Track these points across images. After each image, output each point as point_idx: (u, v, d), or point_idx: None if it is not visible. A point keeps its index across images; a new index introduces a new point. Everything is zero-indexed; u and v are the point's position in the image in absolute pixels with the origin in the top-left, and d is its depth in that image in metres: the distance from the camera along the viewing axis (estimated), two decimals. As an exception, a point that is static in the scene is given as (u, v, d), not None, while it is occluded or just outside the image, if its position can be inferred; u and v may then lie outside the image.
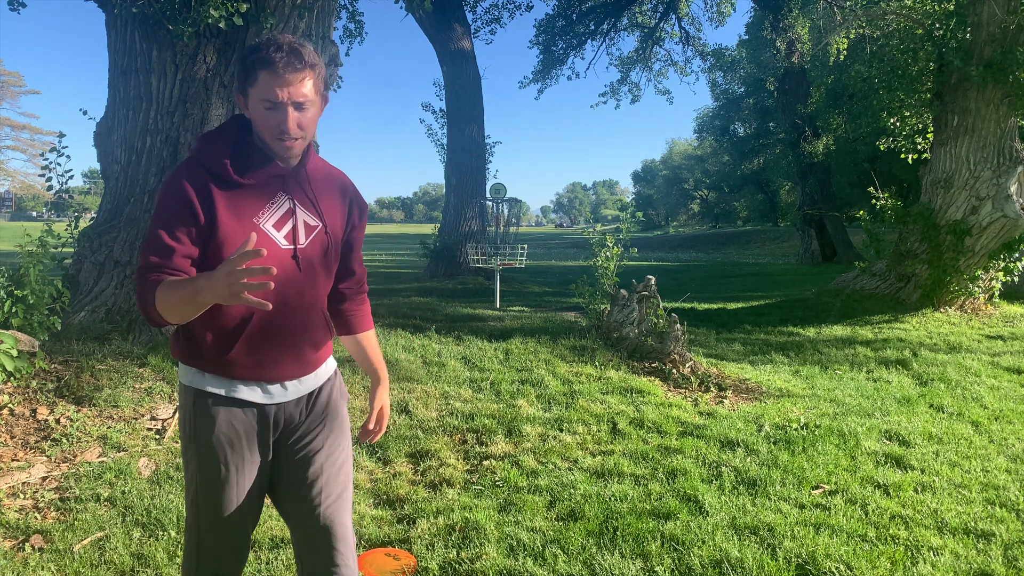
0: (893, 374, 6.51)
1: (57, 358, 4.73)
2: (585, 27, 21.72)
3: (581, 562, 2.95)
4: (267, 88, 1.62)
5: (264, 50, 1.62)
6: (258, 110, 1.66)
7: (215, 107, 5.95)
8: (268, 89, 1.62)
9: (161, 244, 1.64)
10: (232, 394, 1.77)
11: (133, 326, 5.49)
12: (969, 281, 9.57)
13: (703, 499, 3.55)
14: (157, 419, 4.24)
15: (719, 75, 28.99)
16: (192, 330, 1.74)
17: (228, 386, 1.77)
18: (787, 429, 4.70)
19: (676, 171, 75.98)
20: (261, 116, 1.66)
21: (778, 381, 6.14)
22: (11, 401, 4.06)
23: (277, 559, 2.91)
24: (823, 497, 3.64)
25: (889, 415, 5.13)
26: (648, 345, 6.31)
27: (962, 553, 3.06)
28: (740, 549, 3.03)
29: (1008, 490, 3.76)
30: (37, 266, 4.80)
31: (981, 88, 9.40)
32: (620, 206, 8.27)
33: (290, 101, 1.64)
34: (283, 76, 1.61)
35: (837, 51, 15.37)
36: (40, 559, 2.83)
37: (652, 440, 4.50)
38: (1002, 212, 9.31)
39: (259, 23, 5.91)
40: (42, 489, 3.39)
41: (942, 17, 9.85)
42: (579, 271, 7.86)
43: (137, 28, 5.95)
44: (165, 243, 1.64)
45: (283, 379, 1.81)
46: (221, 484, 1.77)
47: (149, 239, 1.66)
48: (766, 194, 51.71)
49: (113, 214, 6.09)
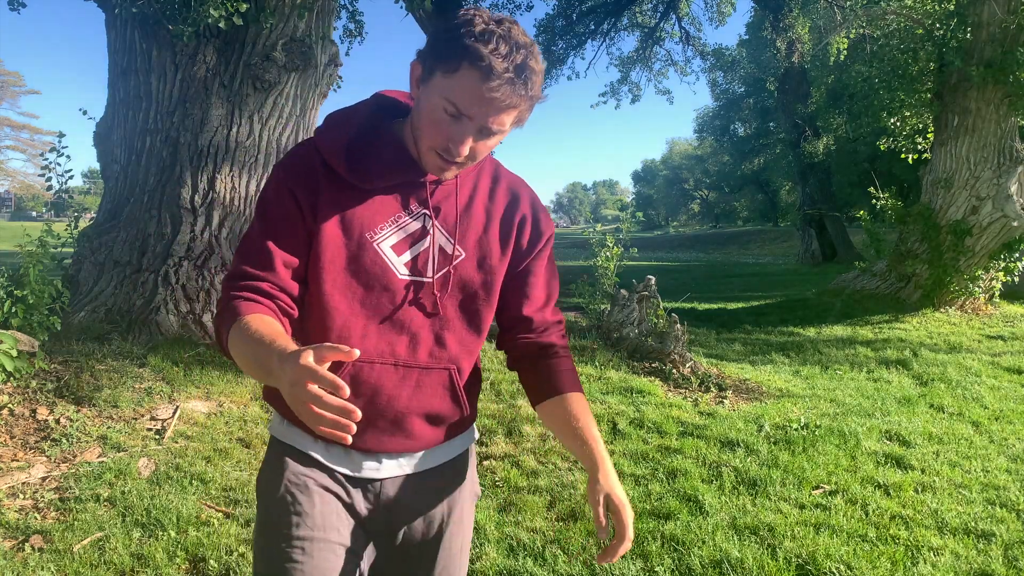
0: (893, 374, 6.51)
1: (57, 358, 4.73)
2: (585, 27, 21.71)
3: (581, 562, 2.95)
4: (463, 94, 1.15)
5: (487, 42, 1.12)
6: (433, 104, 1.19)
7: (215, 107, 5.95)
8: (464, 96, 1.15)
9: (256, 248, 1.26)
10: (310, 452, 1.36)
11: (133, 326, 5.49)
12: (969, 281, 9.56)
13: (703, 499, 3.55)
14: (157, 419, 4.24)
15: (719, 75, 29.02)
16: None
17: (309, 443, 1.35)
18: (787, 429, 4.69)
19: (676, 171, 76.05)
20: (432, 114, 1.20)
21: (778, 381, 6.14)
22: (11, 401, 4.06)
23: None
24: (823, 497, 3.64)
25: (889, 415, 5.13)
26: (648, 345, 6.31)
27: (962, 553, 3.05)
28: (740, 549, 3.02)
29: (1008, 490, 3.76)
30: (37, 266, 4.80)
31: (981, 88, 9.40)
32: (620, 206, 8.28)
33: (481, 124, 1.18)
34: (494, 96, 1.14)
35: (837, 51, 15.36)
36: (40, 559, 2.83)
37: (652, 440, 4.50)
38: (1002, 212, 9.30)
39: (259, 23, 5.91)
40: (42, 489, 3.39)
41: (942, 17, 9.84)
42: (579, 271, 7.87)
43: (137, 28, 5.95)
44: (262, 247, 1.26)
45: (378, 451, 1.35)
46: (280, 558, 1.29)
47: (245, 238, 1.30)
48: (766, 194, 51.72)
49: (113, 214, 6.10)
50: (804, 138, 23.39)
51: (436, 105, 1.19)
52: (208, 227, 5.93)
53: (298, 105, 6.39)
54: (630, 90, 23.21)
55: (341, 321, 1.27)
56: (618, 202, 8.59)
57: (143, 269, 5.77)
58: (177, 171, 5.91)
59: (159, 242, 5.83)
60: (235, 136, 6.02)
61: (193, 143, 5.93)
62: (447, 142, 1.20)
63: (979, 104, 9.53)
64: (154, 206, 5.92)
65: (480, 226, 1.36)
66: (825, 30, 17.12)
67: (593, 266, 7.43)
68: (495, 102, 1.15)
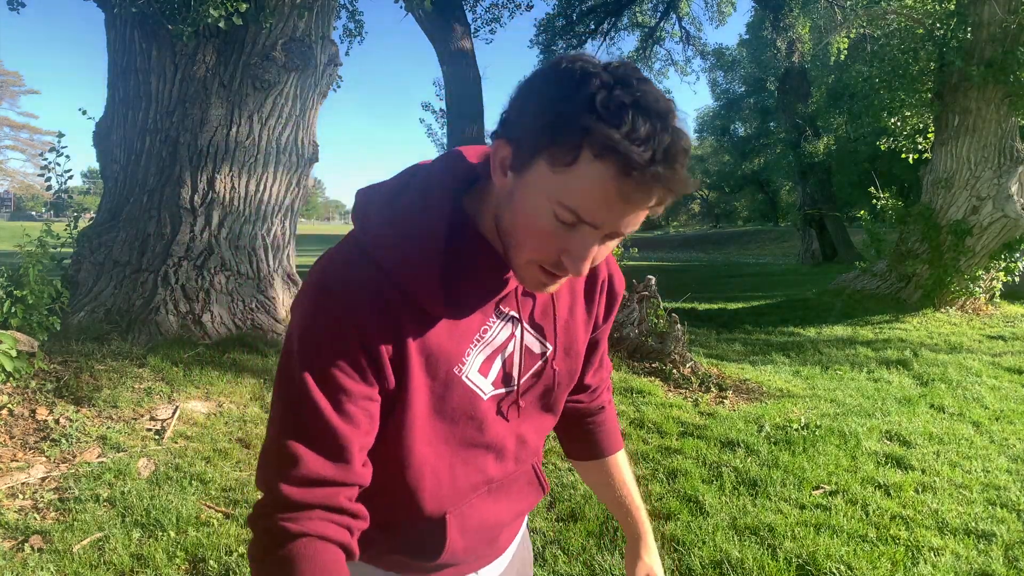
0: (894, 374, 6.50)
1: (56, 358, 4.72)
2: (585, 27, 21.73)
3: (581, 563, 2.95)
4: (587, 197, 0.80)
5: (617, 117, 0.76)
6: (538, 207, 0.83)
7: (215, 107, 5.95)
8: (588, 200, 0.80)
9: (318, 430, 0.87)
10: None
11: (132, 326, 5.48)
12: (970, 281, 9.56)
13: (703, 499, 3.54)
14: (156, 419, 4.23)
15: (719, 75, 29.07)
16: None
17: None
18: (787, 429, 4.69)
19: (676, 171, 75.85)
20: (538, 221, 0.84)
21: (778, 381, 6.14)
22: (10, 401, 4.05)
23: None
24: (824, 497, 3.64)
25: (890, 415, 5.12)
26: (648, 345, 6.30)
27: (963, 554, 3.05)
28: (740, 550, 3.02)
29: (1009, 490, 3.75)
30: (36, 266, 4.80)
31: (982, 88, 9.39)
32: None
33: (612, 235, 0.86)
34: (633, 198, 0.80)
35: (838, 51, 15.36)
36: (39, 559, 2.82)
37: (652, 440, 4.49)
38: (1003, 212, 9.30)
39: (258, 23, 5.90)
40: (41, 489, 3.38)
41: (943, 17, 9.84)
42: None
43: (136, 28, 5.95)
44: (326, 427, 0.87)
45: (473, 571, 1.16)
46: None
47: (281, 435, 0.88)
48: (766, 194, 51.71)
49: (112, 214, 6.09)
50: (804, 138, 23.40)
51: (543, 210, 0.83)
52: (208, 227, 5.93)
53: (298, 105, 6.38)
54: (630, 90, 23.20)
55: (430, 473, 1.01)
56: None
57: (143, 269, 5.77)
58: (177, 171, 5.91)
59: (159, 242, 5.83)
60: (235, 136, 6.02)
61: (193, 143, 5.92)
62: (558, 255, 0.86)
63: (979, 104, 9.53)
64: (154, 206, 5.92)
65: (565, 309, 1.10)
66: (825, 30, 17.12)
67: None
68: (633, 204, 0.80)
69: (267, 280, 6.21)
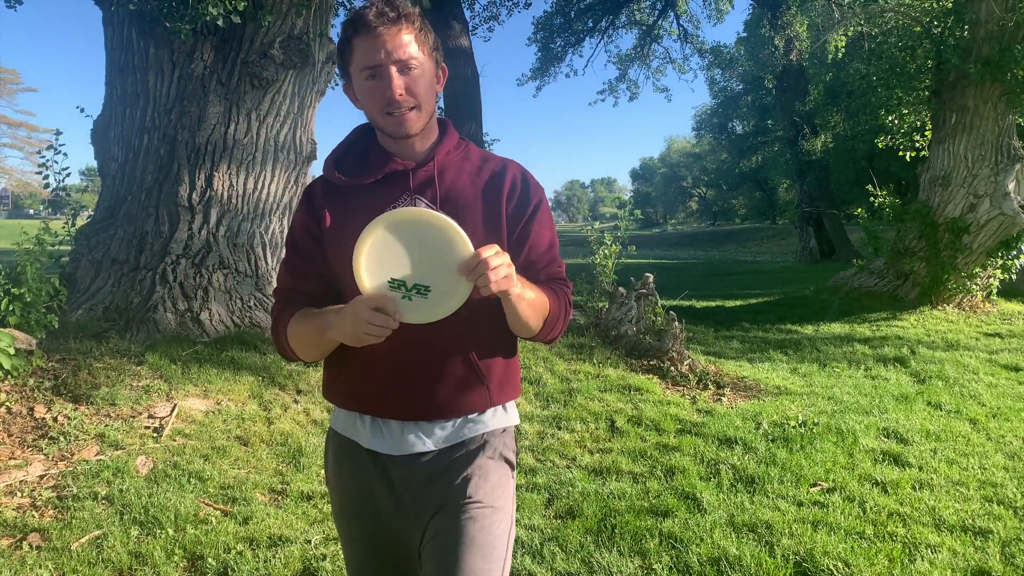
0: (891, 372, 6.51)
1: (54, 356, 4.72)
2: (583, 24, 21.71)
3: (579, 560, 2.95)
4: (363, 53, 1.39)
5: (354, 14, 1.42)
6: (362, 88, 1.43)
7: (212, 104, 5.94)
8: (365, 54, 1.39)
9: (289, 263, 1.55)
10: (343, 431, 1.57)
11: (131, 324, 5.48)
12: (967, 279, 9.57)
13: (701, 497, 3.55)
14: (155, 417, 4.23)
15: (717, 72, 29.05)
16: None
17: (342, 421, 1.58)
18: (785, 427, 4.70)
19: (674, 169, 76.02)
20: (366, 93, 1.43)
21: (776, 379, 6.15)
22: (8, 399, 4.05)
23: (275, 557, 2.91)
24: (821, 495, 3.65)
25: (887, 413, 5.14)
26: (646, 343, 6.31)
27: (960, 550, 3.06)
28: (738, 547, 3.03)
29: (1006, 487, 3.76)
30: (34, 264, 4.80)
31: (979, 86, 9.40)
32: (618, 204, 8.33)
33: (391, 61, 1.38)
34: (377, 31, 1.37)
35: (835, 48, 15.37)
36: (37, 557, 2.83)
37: (650, 438, 4.50)
38: (1000, 210, 9.31)
39: (257, 20, 5.89)
40: (39, 487, 3.38)
41: (940, 15, 9.84)
42: (577, 269, 7.86)
43: (134, 25, 5.94)
44: (292, 262, 1.54)
45: (391, 416, 1.50)
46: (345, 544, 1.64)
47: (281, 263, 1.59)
48: (764, 192, 51.74)
49: (110, 212, 6.08)
50: (802, 136, 23.40)
51: (362, 85, 1.42)
52: (206, 225, 5.92)
53: (296, 103, 6.38)
54: (628, 88, 23.24)
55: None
56: (616, 200, 8.53)
57: (141, 267, 5.76)
58: (175, 169, 5.90)
59: (157, 240, 5.82)
60: (233, 134, 6.01)
61: (191, 141, 5.91)
62: (383, 95, 1.40)
63: (977, 102, 9.53)
64: (152, 204, 5.91)
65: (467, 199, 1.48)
66: (823, 28, 17.13)
67: (591, 264, 7.43)
68: (381, 34, 1.37)
69: (265, 278, 6.20)
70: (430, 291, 1.31)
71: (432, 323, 1.35)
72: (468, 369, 1.48)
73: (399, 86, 1.39)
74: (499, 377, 1.53)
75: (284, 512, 3.34)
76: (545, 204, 1.56)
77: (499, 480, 1.51)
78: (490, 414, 1.53)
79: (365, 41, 1.39)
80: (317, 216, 1.50)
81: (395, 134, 1.45)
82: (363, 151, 1.53)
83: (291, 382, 5.03)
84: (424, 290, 1.31)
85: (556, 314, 1.50)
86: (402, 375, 1.47)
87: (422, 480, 1.48)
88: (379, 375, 1.48)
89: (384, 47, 1.38)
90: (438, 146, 1.51)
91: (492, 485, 1.49)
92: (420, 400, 1.47)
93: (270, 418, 4.46)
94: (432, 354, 1.47)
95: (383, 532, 1.54)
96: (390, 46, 1.38)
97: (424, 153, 1.50)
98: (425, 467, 1.48)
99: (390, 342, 1.35)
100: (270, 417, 4.47)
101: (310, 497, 3.52)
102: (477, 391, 1.49)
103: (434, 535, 1.44)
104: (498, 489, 1.50)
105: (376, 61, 1.38)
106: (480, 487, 1.47)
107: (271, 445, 4.11)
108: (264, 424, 4.37)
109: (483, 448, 1.51)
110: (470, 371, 1.48)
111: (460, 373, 1.48)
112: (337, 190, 1.50)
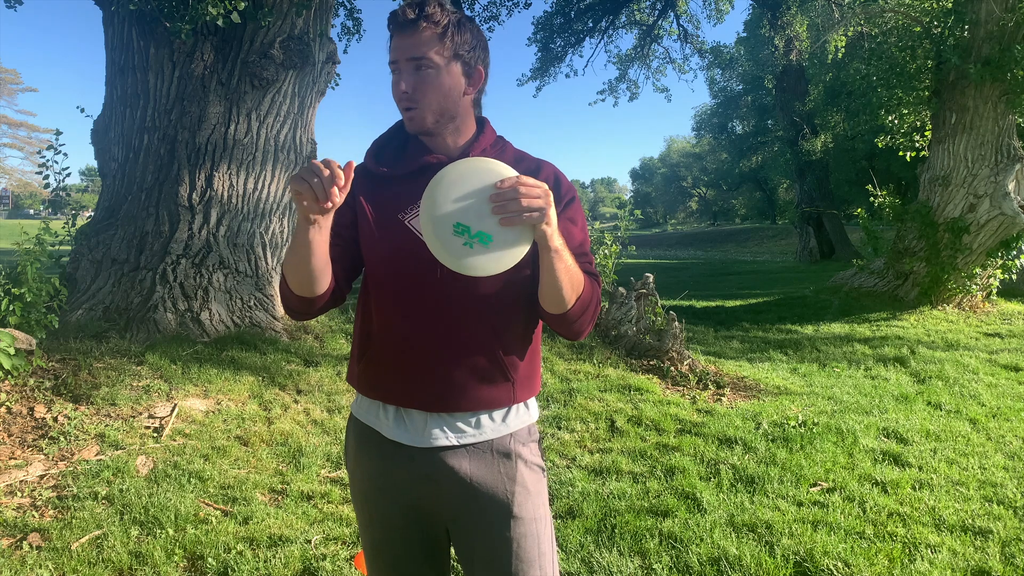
0: (891, 372, 6.52)
1: (55, 356, 4.72)
2: (583, 24, 21.69)
3: (579, 560, 2.95)
4: (390, 49, 1.47)
5: (391, 11, 1.45)
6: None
7: (212, 104, 5.94)
8: (390, 50, 1.46)
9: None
10: (364, 419, 1.58)
11: (131, 324, 5.48)
12: (967, 279, 9.57)
13: (701, 497, 3.55)
14: (155, 417, 4.23)
15: (717, 73, 29.06)
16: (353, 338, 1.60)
17: (364, 409, 1.59)
18: (785, 427, 4.70)
19: (674, 169, 76.06)
20: (392, 87, 1.49)
21: (776, 379, 6.15)
22: (8, 399, 4.05)
23: (275, 557, 2.91)
24: (821, 495, 3.65)
25: (887, 413, 5.14)
26: (646, 343, 6.31)
27: (959, 550, 3.06)
28: (738, 547, 3.03)
29: (1005, 487, 3.76)
30: (34, 264, 4.80)
31: (979, 86, 9.40)
32: (618, 204, 8.32)
33: (404, 59, 1.43)
34: (399, 28, 1.43)
35: (835, 49, 15.35)
36: (38, 557, 2.83)
37: (650, 438, 4.50)
38: (1000, 210, 9.31)
39: (257, 20, 5.90)
40: (40, 487, 3.38)
41: (940, 15, 9.85)
42: (577, 269, 7.85)
43: (134, 25, 5.94)
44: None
45: (415, 407, 1.51)
46: (364, 527, 1.63)
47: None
48: (764, 192, 51.76)
49: (111, 212, 6.09)
50: (802, 136, 23.40)
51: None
52: (206, 225, 5.92)
53: (296, 103, 6.38)
54: (628, 88, 23.19)
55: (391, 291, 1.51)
56: (616, 200, 8.53)
57: (141, 267, 5.76)
58: (175, 169, 5.90)
59: (157, 240, 5.82)
60: (233, 134, 6.01)
61: (191, 141, 5.92)
62: (396, 93, 1.45)
63: (977, 102, 9.54)
64: (152, 204, 5.92)
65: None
66: (823, 28, 17.13)
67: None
68: (400, 35, 1.43)
69: (265, 278, 6.20)
70: (491, 240, 1.28)
71: (460, 313, 1.44)
72: (493, 363, 1.50)
73: (403, 85, 1.44)
74: (522, 373, 1.55)
75: (284, 512, 3.34)
76: (577, 203, 1.57)
77: (538, 489, 1.55)
78: (513, 413, 1.55)
79: (392, 38, 1.45)
80: (353, 192, 1.51)
81: (407, 129, 1.51)
82: (403, 143, 1.57)
83: (291, 382, 5.03)
84: (486, 239, 1.28)
85: (588, 296, 1.46)
86: (427, 365, 1.49)
87: (451, 475, 1.50)
88: (404, 364, 1.49)
89: (400, 45, 1.43)
90: (474, 143, 1.54)
91: (534, 502, 1.53)
92: (444, 390, 1.48)
93: (270, 418, 4.46)
94: (458, 346, 1.48)
95: (409, 513, 1.55)
96: (405, 45, 1.43)
97: (459, 149, 1.53)
98: (454, 463, 1.50)
99: (415, 331, 1.46)
100: (270, 417, 4.48)
101: (310, 497, 3.53)
102: (501, 386, 1.51)
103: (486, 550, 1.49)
104: (538, 498, 1.55)
105: (392, 58, 1.45)
106: (524, 505, 1.51)
107: (271, 445, 4.11)
108: (264, 424, 4.37)
109: (519, 459, 1.54)
110: (495, 365, 1.50)
111: (485, 366, 1.49)
112: (373, 177, 1.54)
